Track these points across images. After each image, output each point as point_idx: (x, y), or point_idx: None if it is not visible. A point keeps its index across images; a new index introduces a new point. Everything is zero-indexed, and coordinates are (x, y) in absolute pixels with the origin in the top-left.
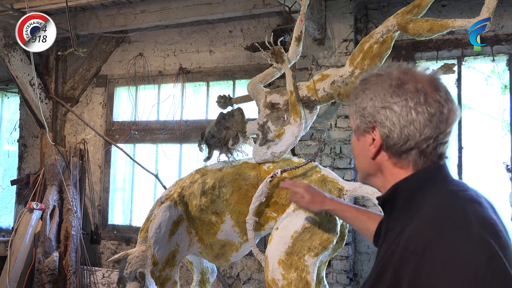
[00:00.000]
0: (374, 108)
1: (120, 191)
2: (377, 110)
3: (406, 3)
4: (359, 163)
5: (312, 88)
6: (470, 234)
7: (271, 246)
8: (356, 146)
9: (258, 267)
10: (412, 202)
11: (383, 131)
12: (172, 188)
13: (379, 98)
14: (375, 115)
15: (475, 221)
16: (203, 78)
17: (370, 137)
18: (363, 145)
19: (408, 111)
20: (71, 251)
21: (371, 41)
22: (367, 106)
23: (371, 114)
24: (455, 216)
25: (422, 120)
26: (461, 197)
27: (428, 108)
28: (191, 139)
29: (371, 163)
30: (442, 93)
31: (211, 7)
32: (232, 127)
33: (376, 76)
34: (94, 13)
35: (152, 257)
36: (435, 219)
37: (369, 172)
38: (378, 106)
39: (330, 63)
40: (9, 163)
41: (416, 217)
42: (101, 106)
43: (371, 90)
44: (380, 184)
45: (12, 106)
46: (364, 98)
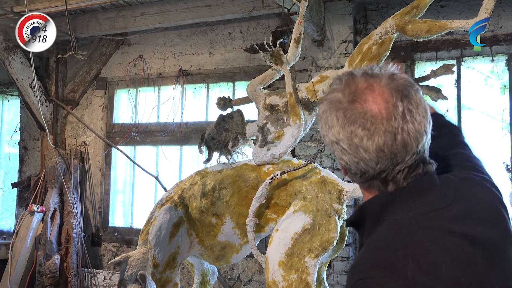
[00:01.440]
0: (329, 139)
1: (121, 193)
2: (331, 142)
3: (405, 4)
4: None
5: (312, 90)
6: (403, 276)
7: (271, 247)
8: None
9: (259, 269)
10: (376, 224)
11: (341, 163)
12: (173, 190)
13: (331, 129)
14: (331, 147)
15: (415, 261)
16: (203, 80)
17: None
18: None
19: (355, 149)
20: (72, 254)
21: (369, 43)
22: (325, 134)
23: (329, 144)
24: (392, 256)
25: (371, 156)
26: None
27: (377, 140)
28: (191, 141)
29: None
30: (398, 113)
31: (210, 9)
32: (232, 129)
33: (330, 102)
34: (94, 15)
35: (152, 259)
36: (374, 253)
37: None
38: (332, 139)
39: (330, 65)
40: (10, 166)
41: (369, 243)
42: (101, 109)
43: (323, 117)
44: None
45: (13, 109)
46: (322, 124)
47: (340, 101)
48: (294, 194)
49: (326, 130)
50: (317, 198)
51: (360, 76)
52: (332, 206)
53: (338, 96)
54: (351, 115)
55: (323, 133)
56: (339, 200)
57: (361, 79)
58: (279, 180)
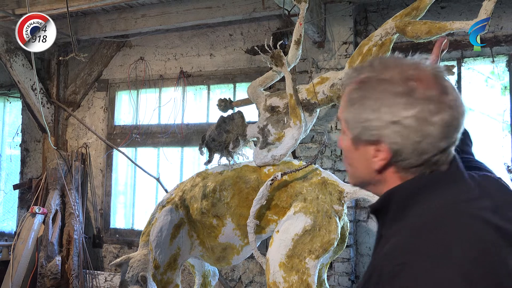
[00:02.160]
0: (381, 121)
1: (122, 195)
2: (386, 124)
3: (405, 6)
4: (356, 171)
5: (312, 91)
6: (451, 262)
7: (272, 249)
8: (353, 154)
9: (260, 270)
10: (405, 210)
11: (393, 147)
12: (173, 191)
13: (386, 110)
14: (382, 130)
15: (464, 246)
16: (203, 82)
17: (373, 149)
18: (364, 155)
19: (422, 125)
20: (74, 255)
21: (370, 44)
22: (372, 118)
23: (377, 128)
24: (438, 239)
25: (437, 133)
26: (458, 212)
27: (443, 117)
28: (192, 142)
29: (374, 174)
30: (451, 94)
31: (211, 11)
32: (233, 131)
33: (377, 82)
34: (95, 18)
35: (153, 261)
36: (413, 238)
37: (368, 181)
38: (387, 120)
39: (330, 66)
40: (12, 168)
41: (403, 228)
42: (102, 110)
43: (372, 99)
44: (378, 191)
45: (14, 111)
46: (365, 108)
47: (391, 81)
48: (294, 196)
49: (377, 110)
50: (317, 199)
51: (393, 60)
52: (333, 207)
53: (383, 76)
54: (413, 99)
55: (367, 116)
56: (340, 201)
57: (398, 61)
58: (279, 182)
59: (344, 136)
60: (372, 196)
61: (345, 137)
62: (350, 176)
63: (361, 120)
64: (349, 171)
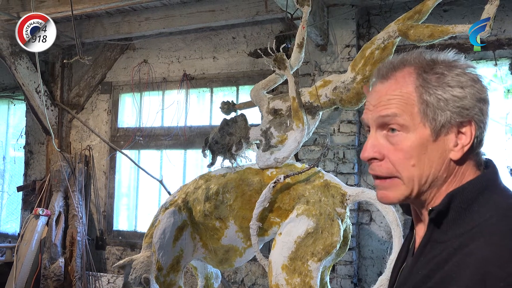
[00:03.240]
0: (471, 99)
1: (125, 197)
2: (474, 101)
3: (408, 9)
4: (424, 172)
5: (315, 94)
6: None
7: (274, 251)
8: (425, 150)
9: (263, 272)
10: (466, 214)
11: (479, 126)
12: (177, 194)
13: (471, 87)
14: (473, 108)
15: None
16: (206, 84)
17: (454, 136)
18: (442, 146)
19: (489, 102)
20: (77, 257)
21: (372, 47)
22: (462, 95)
23: (469, 107)
24: None
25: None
26: None
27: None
28: (195, 145)
29: (446, 168)
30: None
31: (214, 14)
32: (236, 133)
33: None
34: (99, 21)
35: (156, 263)
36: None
37: (432, 181)
38: (476, 96)
39: (333, 69)
40: (15, 170)
41: (481, 234)
42: (106, 113)
43: (453, 76)
44: (431, 197)
45: (19, 113)
46: (450, 85)
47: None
48: (297, 198)
49: (464, 87)
50: (320, 202)
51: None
52: (335, 210)
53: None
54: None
55: (459, 93)
56: (342, 204)
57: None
58: (282, 184)
59: (405, 134)
60: (375, 198)
61: (407, 135)
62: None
63: (452, 100)
64: (408, 174)
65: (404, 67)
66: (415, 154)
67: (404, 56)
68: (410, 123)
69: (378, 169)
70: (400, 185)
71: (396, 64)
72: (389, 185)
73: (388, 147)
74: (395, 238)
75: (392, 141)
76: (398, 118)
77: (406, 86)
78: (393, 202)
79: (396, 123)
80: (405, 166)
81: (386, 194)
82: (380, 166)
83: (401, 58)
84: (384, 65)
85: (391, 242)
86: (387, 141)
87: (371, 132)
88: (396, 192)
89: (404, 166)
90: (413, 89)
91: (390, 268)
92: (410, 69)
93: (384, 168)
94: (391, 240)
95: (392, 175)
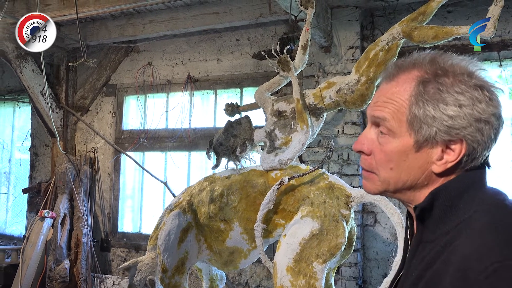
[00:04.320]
0: (467, 118)
1: (130, 199)
2: (471, 121)
3: (412, 10)
4: (401, 177)
5: (319, 96)
6: None
7: (279, 253)
8: (405, 157)
9: (267, 274)
10: (451, 212)
11: (471, 146)
12: (181, 195)
13: (470, 106)
14: (466, 128)
15: None
16: (211, 86)
17: (440, 150)
18: (424, 158)
19: (498, 120)
20: (82, 259)
21: (376, 49)
22: (456, 115)
23: (461, 127)
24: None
25: (493, 134)
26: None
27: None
28: (200, 147)
29: (426, 178)
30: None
31: (218, 16)
32: (240, 135)
33: (451, 76)
34: (103, 23)
35: (161, 264)
36: (495, 235)
37: (409, 187)
38: (474, 116)
39: (337, 70)
40: (21, 172)
41: (464, 231)
42: (110, 115)
43: (453, 93)
44: (415, 197)
45: (24, 115)
46: (446, 103)
47: (463, 74)
48: (301, 200)
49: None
50: (324, 204)
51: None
52: (340, 212)
53: (460, 70)
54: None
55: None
56: (347, 206)
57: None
58: (286, 186)
59: (390, 139)
60: (379, 200)
61: (392, 140)
62: (384, 181)
63: (442, 118)
64: (385, 175)
65: (411, 70)
66: (395, 159)
67: (419, 56)
68: (397, 130)
69: (363, 162)
70: (376, 180)
71: (404, 65)
72: (368, 177)
73: (376, 145)
74: (400, 240)
75: (380, 141)
76: (387, 122)
77: (403, 93)
78: (372, 193)
79: (384, 126)
80: (384, 167)
81: (365, 184)
82: (366, 160)
83: (414, 59)
84: (392, 65)
85: (396, 243)
86: (377, 139)
87: (367, 126)
88: (373, 186)
89: (383, 167)
90: (407, 97)
91: (395, 270)
92: (414, 74)
93: (367, 163)
94: (396, 241)
95: (371, 170)
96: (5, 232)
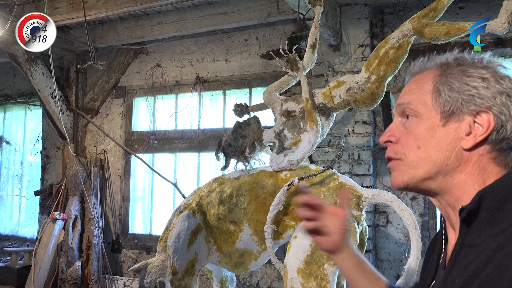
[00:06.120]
0: (490, 90)
1: (140, 200)
2: (495, 93)
3: (422, 7)
4: (430, 155)
5: (328, 95)
6: None
7: (289, 254)
8: (432, 133)
9: (278, 276)
10: (499, 214)
11: (499, 119)
12: (190, 197)
13: (493, 80)
14: (491, 99)
15: None
16: (219, 87)
17: (468, 124)
18: (452, 132)
19: None
20: (93, 260)
21: (386, 47)
22: (479, 86)
23: (485, 97)
24: None
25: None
26: None
27: None
28: (209, 147)
29: (457, 157)
30: None
31: (226, 16)
32: (249, 136)
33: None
34: (112, 26)
35: (171, 267)
36: None
37: (441, 169)
38: (498, 89)
39: (346, 69)
40: (33, 174)
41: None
42: (120, 117)
43: (473, 68)
44: (444, 185)
45: (35, 118)
46: (470, 77)
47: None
48: None
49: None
50: (335, 205)
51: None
52: (351, 212)
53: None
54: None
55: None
56: (358, 206)
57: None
58: (296, 187)
59: (417, 119)
60: (391, 200)
61: (418, 121)
62: (411, 165)
63: (465, 89)
64: (412, 156)
65: (434, 66)
66: (422, 136)
67: (444, 56)
68: (422, 110)
69: (389, 151)
70: (403, 166)
71: (428, 63)
72: (394, 167)
73: (402, 130)
74: (413, 241)
75: (406, 125)
76: (411, 105)
77: (427, 79)
78: (399, 184)
79: (410, 109)
80: (411, 147)
81: (393, 177)
82: (391, 148)
83: (438, 58)
84: (417, 63)
85: (409, 244)
86: (403, 126)
87: (394, 120)
88: (400, 175)
89: (411, 147)
90: (431, 79)
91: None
92: (438, 67)
93: (394, 149)
94: (409, 242)
95: (397, 157)
96: (18, 234)
